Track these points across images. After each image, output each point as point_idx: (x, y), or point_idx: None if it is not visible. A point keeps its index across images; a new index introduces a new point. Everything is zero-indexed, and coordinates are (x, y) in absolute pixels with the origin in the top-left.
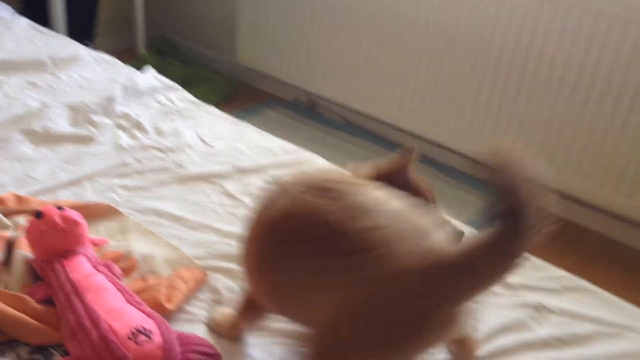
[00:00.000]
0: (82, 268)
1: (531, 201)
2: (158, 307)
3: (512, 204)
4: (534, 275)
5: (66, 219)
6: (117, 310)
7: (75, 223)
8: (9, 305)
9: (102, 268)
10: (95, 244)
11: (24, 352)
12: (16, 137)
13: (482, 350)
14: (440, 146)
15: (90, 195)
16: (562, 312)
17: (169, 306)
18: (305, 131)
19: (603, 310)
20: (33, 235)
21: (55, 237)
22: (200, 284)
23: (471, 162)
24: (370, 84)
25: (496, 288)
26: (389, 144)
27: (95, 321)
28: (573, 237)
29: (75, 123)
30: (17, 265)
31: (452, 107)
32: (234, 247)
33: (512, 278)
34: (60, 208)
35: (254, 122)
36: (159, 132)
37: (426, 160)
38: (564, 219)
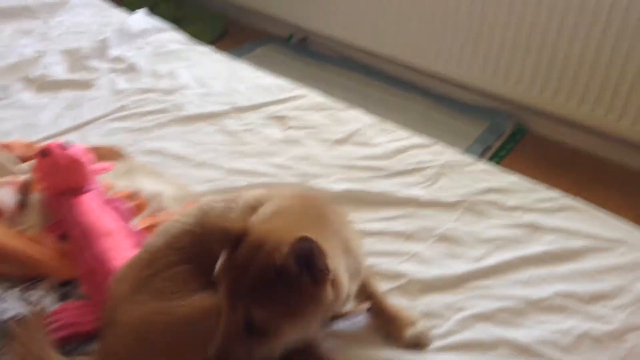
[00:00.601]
0: (92, 208)
1: None
2: None
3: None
4: (530, 196)
5: (70, 159)
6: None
7: (79, 161)
8: (31, 246)
9: (110, 205)
10: (99, 171)
11: (52, 285)
12: (16, 86)
13: (480, 266)
14: (435, 77)
15: (94, 139)
16: (557, 230)
17: None
18: (300, 68)
19: (596, 227)
20: (40, 174)
21: (61, 175)
22: None
23: (466, 90)
24: (363, 17)
25: (493, 210)
26: (385, 77)
27: (108, 272)
28: (569, 159)
29: (71, 69)
30: (34, 208)
31: (446, 38)
32: (236, 182)
33: (508, 200)
34: (64, 146)
35: (248, 60)
36: (155, 74)
37: (422, 91)
38: (560, 142)
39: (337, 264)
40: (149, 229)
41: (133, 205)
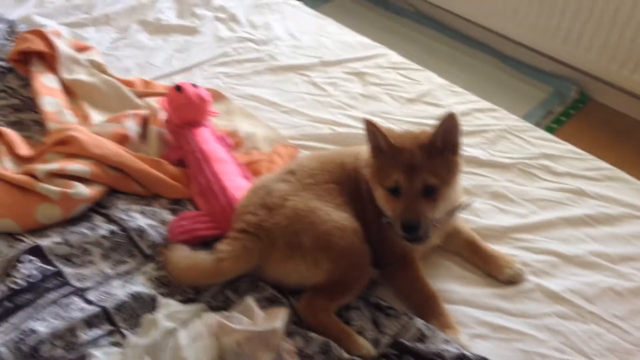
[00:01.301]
0: (208, 139)
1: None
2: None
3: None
4: (579, 165)
5: (199, 96)
6: (237, 182)
7: (205, 100)
8: (153, 169)
9: (220, 140)
10: (210, 114)
11: (165, 202)
12: (134, 27)
13: (525, 222)
14: (506, 38)
15: (199, 81)
16: (599, 197)
17: None
18: (376, 20)
19: (634, 197)
20: (172, 105)
21: (190, 109)
22: (293, 159)
23: (536, 54)
24: None
25: (544, 174)
26: (457, 35)
27: (222, 188)
28: (628, 130)
29: (181, 15)
30: (153, 138)
31: (522, 1)
32: (320, 129)
33: (558, 167)
34: (194, 86)
35: (325, 9)
36: (252, 25)
37: (492, 51)
38: (620, 112)
39: None
40: (245, 165)
41: (231, 143)
